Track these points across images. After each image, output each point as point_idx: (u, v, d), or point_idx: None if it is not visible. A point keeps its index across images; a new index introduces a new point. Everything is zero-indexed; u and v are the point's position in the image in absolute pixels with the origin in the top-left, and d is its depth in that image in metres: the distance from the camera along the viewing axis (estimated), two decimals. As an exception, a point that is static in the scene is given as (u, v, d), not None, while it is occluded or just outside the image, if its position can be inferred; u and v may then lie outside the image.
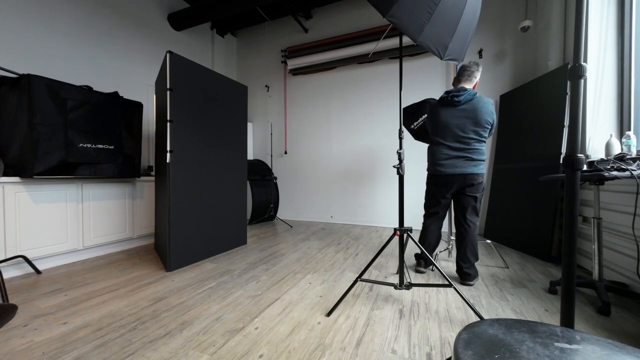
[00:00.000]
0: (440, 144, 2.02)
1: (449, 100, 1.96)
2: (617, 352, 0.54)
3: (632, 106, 2.14)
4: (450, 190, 2.03)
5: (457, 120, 1.96)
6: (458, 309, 1.63)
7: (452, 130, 1.96)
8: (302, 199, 4.75)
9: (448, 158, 1.98)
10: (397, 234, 1.69)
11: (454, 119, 1.96)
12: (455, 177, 1.98)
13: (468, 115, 1.93)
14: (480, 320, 0.67)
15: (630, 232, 1.71)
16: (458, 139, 1.96)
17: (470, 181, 1.96)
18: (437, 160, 2.02)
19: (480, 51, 3.56)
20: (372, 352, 1.24)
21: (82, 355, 1.23)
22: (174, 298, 1.78)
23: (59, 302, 1.72)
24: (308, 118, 4.70)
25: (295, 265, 2.39)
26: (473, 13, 1.51)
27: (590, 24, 2.27)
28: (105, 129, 2.58)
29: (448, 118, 1.97)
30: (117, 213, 2.81)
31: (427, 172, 2.17)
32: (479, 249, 2.84)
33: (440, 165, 2.01)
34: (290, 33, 4.76)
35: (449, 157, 1.98)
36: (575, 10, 0.87)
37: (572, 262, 0.85)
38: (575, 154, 0.86)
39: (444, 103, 2.00)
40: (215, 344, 1.30)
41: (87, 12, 3.09)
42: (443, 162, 1.99)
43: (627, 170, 1.47)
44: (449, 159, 1.98)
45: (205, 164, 2.52)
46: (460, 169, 1.96)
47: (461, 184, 1.98)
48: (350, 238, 3.40)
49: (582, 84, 0.87)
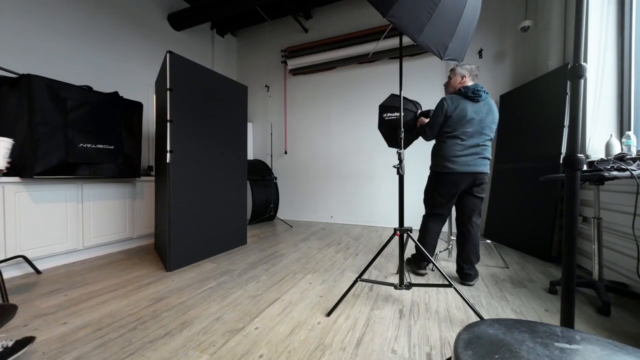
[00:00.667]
0: (456, 138, 1.91)
1: (473, 94, 1.91)
2: (617, 352, 0.54)
3: (632, 106, 2.14)
4: (459, 190, 1.95)
5: (479, 115, 1.90)
6: (458, 309, 1.63)
7: (474, 126, 1.90)
8: (302, 199, 4.75)
9: (463, 155, 1.90)
10: (397, 234, 1.69)
11: (477, 114, 1.90)
12: (467, 176, 1.91)
13: (487, 111, 1.91)
14: (480, 320, 0.67)
15: (630, 232, 1.71)
16: (476, 134, 1.90)
17: (479, 180, 1.92)
18: (451, 157, 1.91)
19: (480, 51, 3.56)
20: (372, 352, 1.24)
21: (82, 355, 1.23)
22: (174, 298, 1.78)
23: (59, 302, 1.72)
24: (308, 118, 4.70)
25: (295, 265, 2.39)
26: (473, 13, 1.51)
27: (590, 24, 2.27)
28: (105, 129, 2.58)
29: (472, 113, 1.90)
30: (117, 213, 2.81)
31: (434, 171, 2.03)
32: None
33: (453, 162, 1.91)
34: (290, 33, 4.76)
35: (463, 154, 1.90)
36: (575, 10, 0.87)
37: (572, 262, 0.85)
38: (575, 154, 0.86)
39: (467, 97, 1.92)
40: (215, 344, 1.30)
41: (87, 12, 3.09)
42: (457, 158, 1.90)
43: (627, 170, 1.47)
44: (463, 156, 1.90)
45: (205, 164, 2.52)
46: (472, 167, 1.90)
47: (470, 184, 1.93)
48: (350, 238, 3.40)
49: (582, 84, 0.87)
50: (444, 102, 1.93)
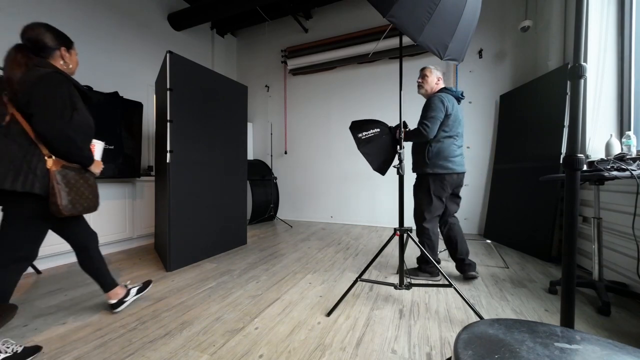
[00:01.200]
0: (451, 138, 1.94)
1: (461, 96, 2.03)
2: (617, 352, 0.54)
3: (632, 106, 2.14)
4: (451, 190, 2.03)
5: (461, 115, 2.01)
6: (458, 309, 1.63)
7: (462, 127, 2.01)
8: (302, 199, 4.75)
9: (458, 155, 1.97)
10: (397, 234, 1.69)
11: (461, 115, 2.01)
12: (460, 176, 2.01)
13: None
14: (480, 320, 0.67)
15: (630, 232, 1.71)
16: (462, 135, 2.02)
17: (463, 179, 2.05)
18: (450, 157, 1.92)
19: (480, 51, 3.56)
20: (372, 352, 1.24)
21: (82, 355, 1.23)
22: (174, 298, 1.78)
23: (59, 302, 1.72)
24: (308, 118, 4.70)
25: (295, 265, 2.39)
26: (473, 13, 1.51)
27: (590, 24, 2.27)
28: (105, 129, 2.58)
29: (459, 114, 2.00)
30: (117, 213, 2.81)
31: (432, 172, 1.96)
32: (479, 249, 2.84)
33: (452, 163, 1.93)
34: (290, 33, 4.75)
35: (457, 154, 1.97)
36: (575, 10, 0.87)
37: (572, 262, 0.85)
38: (575, 154, 0.86)
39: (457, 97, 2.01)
40: (215, 344, 1.30)
41: (87, 12, 3.09)
42: (455, 159, 1.94)
43: (627, 170, 1.47)
44: (458, 156, 1.96)
45: (205, 164, 2.52)
46: (463, 167, 2.01)
47: (458, 183, 2.03)
48: (350, 238, 3.40)
49: (582, 84, 0.87)
50: (443, 99, 1.90)
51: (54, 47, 1.27)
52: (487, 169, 3.56)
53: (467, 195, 3.63)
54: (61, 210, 1.21)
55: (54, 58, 1.28)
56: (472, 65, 3.60)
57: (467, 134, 3.65)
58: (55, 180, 1.20)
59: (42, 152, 1.19)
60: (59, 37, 1.31)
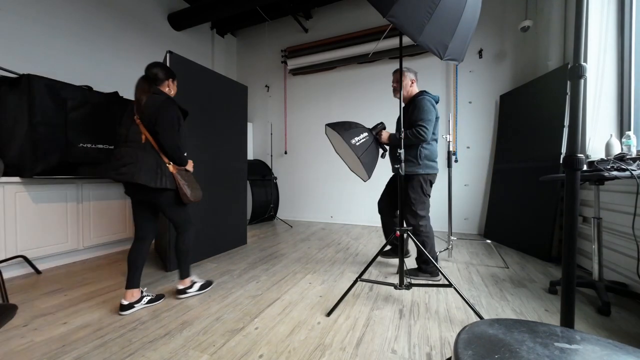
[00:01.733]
0: (435, 140, 2.09)
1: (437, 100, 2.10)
2: (617, 352, 0.54)
3: (632, 106, 2.14)
4: None
5: None
6: (458, 309, 1.63)
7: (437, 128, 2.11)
8: (302, 199, 4.75)
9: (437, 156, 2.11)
10: (397, 234, 1.69)
11: None
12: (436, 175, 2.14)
13: None
14: (480, 320, 0.67)
15: (630, 232, 1.71)
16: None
17: None
18: (435, 158, 2.08)
19: (480, 51, 3.56)
20: (372, 352, 1.24)
21: (82, 355, 1.23)
22: (174, 298, 1.78)
23: (59, 302, 1.72)
24: (308, 118, 4.70)
25: (295, 265, 2.39)
26: (473, 13, 1.51)
27: (590, 24, 2.27)
28: (105, 129, 2.58)
29: None
30: (117, 213, 2.81)
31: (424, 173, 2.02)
32: (479, 249, 2.84)
33: (436, 163, 2.09)
34: (290, 33, 4.75)
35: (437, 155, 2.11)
36: (575, 10, 0.87)
37: (572, 262, 0.85)
38: (575, 154, 0.86)
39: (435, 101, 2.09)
40: (215, 344, 1.31)
41: (87, 12, 3.09)
42: (436, 159, 2.10)
43: (627, 170, 1.47)
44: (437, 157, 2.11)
45: (205, 164, 2.52)
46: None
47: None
48: (350, 238, 3.40)
49: (582, 84, 0.87)
50: (433, 103, 2.01)
51: (164, 79, 1.73)
52: (487, 169, 3.56)
53: (467, 195, 3.64)
54: (189, 198, 1.68)
55: (163, 86, 1.73)
56: (472, 65, 3.60)
57: (467, 134, 3.66)
58: (178, 179, 1.66)
59: (164, 159, 1.63)
60: (168, 72, 1.75)
